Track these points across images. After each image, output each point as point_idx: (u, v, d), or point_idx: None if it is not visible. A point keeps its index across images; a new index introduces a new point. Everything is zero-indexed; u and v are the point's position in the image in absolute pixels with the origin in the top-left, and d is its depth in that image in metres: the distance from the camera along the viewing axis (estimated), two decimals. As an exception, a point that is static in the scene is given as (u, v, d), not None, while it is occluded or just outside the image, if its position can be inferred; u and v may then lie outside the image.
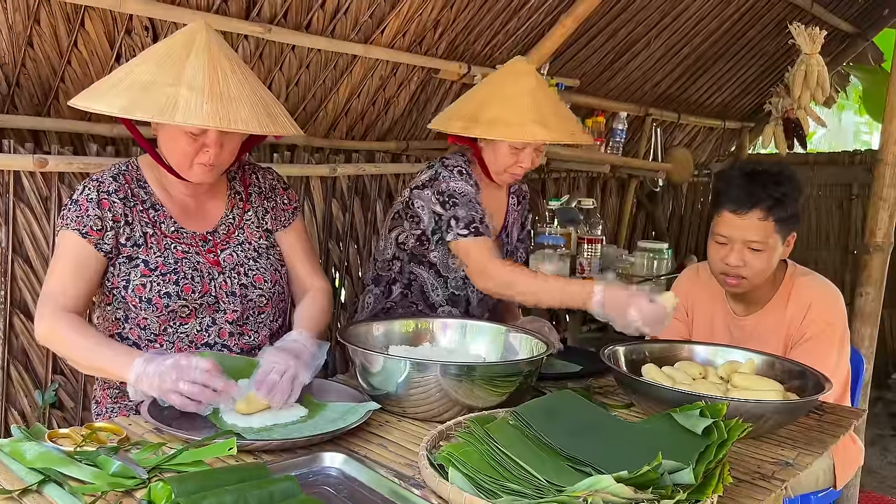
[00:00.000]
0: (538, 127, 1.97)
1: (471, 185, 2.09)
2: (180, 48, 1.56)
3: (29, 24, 1.99)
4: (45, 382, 2.28)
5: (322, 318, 1.79)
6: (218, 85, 1.53)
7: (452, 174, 2.09)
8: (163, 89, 1.49)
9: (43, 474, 1.12)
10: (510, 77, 2.10)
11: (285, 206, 1.86)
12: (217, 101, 1.50)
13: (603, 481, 1.03)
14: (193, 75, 1.51)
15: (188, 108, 1.47)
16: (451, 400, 1.47)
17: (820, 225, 5.36)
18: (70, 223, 1.62)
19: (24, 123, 2.18)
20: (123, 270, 1.64)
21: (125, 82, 1.53)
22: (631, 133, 4.44)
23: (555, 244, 3.50)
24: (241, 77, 1.59)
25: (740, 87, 4.90)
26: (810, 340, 1.89)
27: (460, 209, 2.04)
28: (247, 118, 1.53)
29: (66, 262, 1.61)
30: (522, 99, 2.02)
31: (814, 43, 4.05)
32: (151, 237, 1.66)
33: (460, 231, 2.02)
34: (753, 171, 1.88)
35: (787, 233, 1.89)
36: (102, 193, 1.64)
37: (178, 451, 1.19)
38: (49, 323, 1.55)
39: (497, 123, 2.00)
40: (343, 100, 2.88)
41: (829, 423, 1.63)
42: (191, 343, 1.67)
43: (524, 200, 2.39)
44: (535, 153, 2.10)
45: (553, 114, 2.04)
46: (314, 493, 1.14)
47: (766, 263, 1.89)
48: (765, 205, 1.84)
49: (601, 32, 3.55)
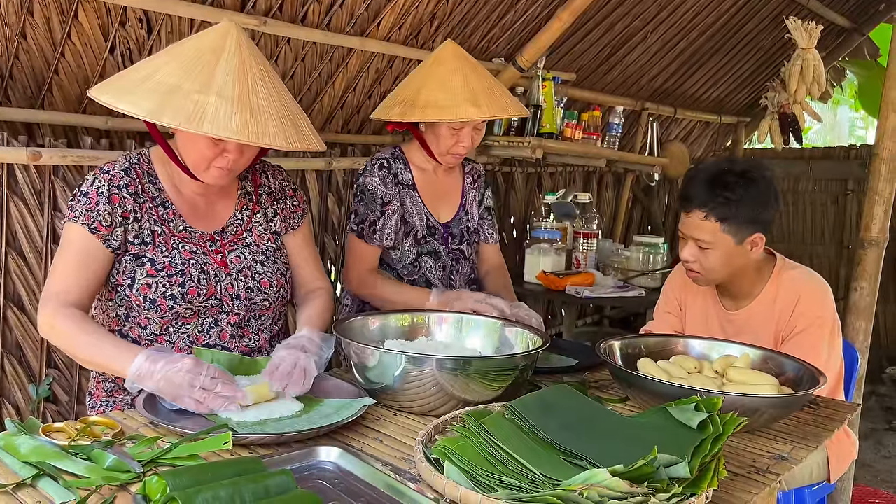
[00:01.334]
0: (470, 106, 2.08)
1: (387, 182, 2.21)
2: (209, 53, 1.52)
3: (22, 15, 1.97)
4: (39, 376, 2.27)
5: (326, 317, 1.80)
6: (248, 94, 1.50)
7: (373, 169, 2.23)
8: (190, 96, 1.46)
9: (37, 468, 1.12)
10: (442, 61, 2.19)
11: (294, 209, 1.85)
12: (246, 113, 1.48)
13: (598, 475, 1.03)
14: (223, 83, 1.48)
15: (217, 117, 1.45)
16: (446, 394, 1.47)
17: (815, 220, 5.37)
18: (79, 216, 1.58)
19: (17, 116, 2.17)
20: (129, 268, 1.61)
21: (150, 82, 1.49)
22: (627, 127, 4.44)
23: (550, 238, 3.50)
24: (269, 87, 1.56)
25: (736, 81, 4.90)
26: (800, 334, 1.90)
27: (361, 205, 2.20)
28: (274, 132, 1.51)
29: (71, 255, 1.58)
30: (454, 81, 2.12)
31: (810, 37, 4.05)
32: (160, 236, 1.64)
33: (352, 225, 2.20)
34: (712, 172, 1.91)
35: (745, 234, 1.89)
36: (113, 188, 1.61)
37: (174, 446, 1.18)
38: (51, 317, 1.53)
39: (431, 106, 2.10)
40: (339, 93, 2.87)
41: (823, 417, 1.64)
42: (191, 343, 1.65)
43: (479, 179, 2.46)
44: (474, 132, 2.20)
45: (485, 91, 2.13)
46: (310, 487, 1.14)
47: (718, 262, 1.92)
48: (705, 206, 1.87)
49: (598, 26, 3.55)
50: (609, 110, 3.99)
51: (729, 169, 1.90)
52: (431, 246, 2.29)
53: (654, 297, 2.86)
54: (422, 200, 2.28)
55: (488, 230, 2.45)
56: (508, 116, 2.23)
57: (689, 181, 1.96)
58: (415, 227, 2.25)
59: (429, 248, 2.28)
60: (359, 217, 2.20)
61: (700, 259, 1.94)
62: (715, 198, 1.87)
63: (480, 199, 2.44)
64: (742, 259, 1.93)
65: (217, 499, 0.96)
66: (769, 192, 1.90)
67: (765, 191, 1.89)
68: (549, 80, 3.34)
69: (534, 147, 3.21)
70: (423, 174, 2.30)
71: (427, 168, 2.31)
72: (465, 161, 2.43)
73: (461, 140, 2.18)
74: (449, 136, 2.18)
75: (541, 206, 3.82)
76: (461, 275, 2.36)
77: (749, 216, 1.87)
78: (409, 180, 2.27)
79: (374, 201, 2.20)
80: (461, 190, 2.39)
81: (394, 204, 2.21)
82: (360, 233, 2.20)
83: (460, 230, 2.35)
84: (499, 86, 2.24)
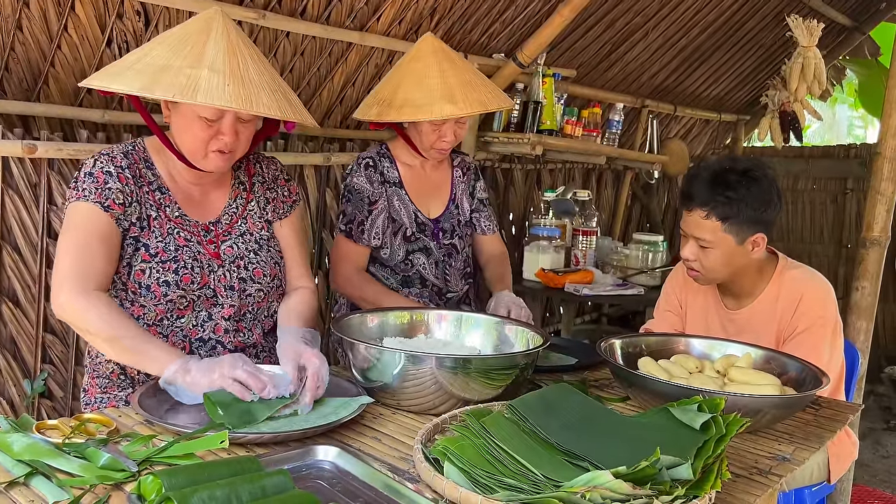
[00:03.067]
0: (446, 103, 2.07)
1: (373, 181, 2.21)
2: (197, 33, 1.53)
3: (18, 6, 1.95)
4: (34, 372, 2.25)
5: (310, 315, 1.76)
6: (238, 69, 1.51)
7: (359, 168, 2.23)
8: (183, 70, 1.47)
9: (30, 467, 1.10)
10: (419, 57, 2.17)
11: (285, 198, 1.84)
12: (239, 85, 1.48)
13: (601, 477, 1.01)
14: (214, 58, 1.49)
15: (210, 88, 1.45)
16: (446, 393, 1.45)
17: (814, 219, 5.36)
18: (89, 195, 1.54)
19: (13, 108, 2.14)
20: (128, 252, 1.59)
21: (140, 64, 1.50)
22: (627, 125, 4.43)
23: (549, 236, 3.48)
24: (260, 65, 1.57)
25: (737, 79, 4.88)
26: (802, 334, 1.88)
27: (349, 205, 2.20)
28: (268, 103, 1.51)
29: (87, 235, 1.52)
30: (431, 78, 2.10)
31: (811, 35, 4.03)
32: (155, 220, 1.62)
33: (340, 226, 2.21)
34: (714, 170, 1.89)
35: (746, 234, 1.87)
36: (117, 168, 1.58)
37: (169, 444, 1.17)
38: (82, 301, 1.46)
39: (407, 105, 2.09)
40: (338, 88, 2.85)
41: (825, 418, 1.62)
42: (185, 338, 1.64)
43: (469, 171, 2.44)
44: (456, 126, 2.18)
45: (463, 86, 2.11)
46: (307, 487, 1.12)
47: (719, 261, 1.90)
48: (706, 204, 1.86)
49: (599, 22, 3.53)
50: (609, 107, 3.98)
51: (731, 167, 1.89)
52: (422, 243, 2.27)
53: (653, 295, 2.85)
54: (409, 197, 2.27)
55: (484, 221, 2.44)
56: (487, 111, 2.20)
57: (690, 179, 1.94)
58: (403, 224, 2.24)
59: (419, 245, 2.27)
60: (347, 217, 2.20)
61: (700, 258, 1.92)
62: (716, 196, 1.85)
63: (471, 191, 2.43)
64: (743, 259, 1.91)
65: (213, 499, 0.95)
66: (771, 192, 1.88)
67: (767, 190, 1.87)
68: (550, 77, 3.32)
69: (533, 144, 3.19)
70: (410, 170, 2.29)
71: (414, 164, 2.30)
72: (453, 154, 2.42)
73: (443, 135, 2.17)
74: (431, 132, 2.17)
75: (540, 203, 3.80)
76: (455, 269, 2.34)
77: (751, 216, 1.86)
78: (395, 178, 2.26)
79: (360, 201, 2.19)
80: (450, 183, 2.38)
81: (381, 203, 2.21)
82: (348, 233, 2.20)
83: (451, 224, 2.34)
84: (479, 78, 2.21)
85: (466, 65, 2.22)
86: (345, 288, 2.22)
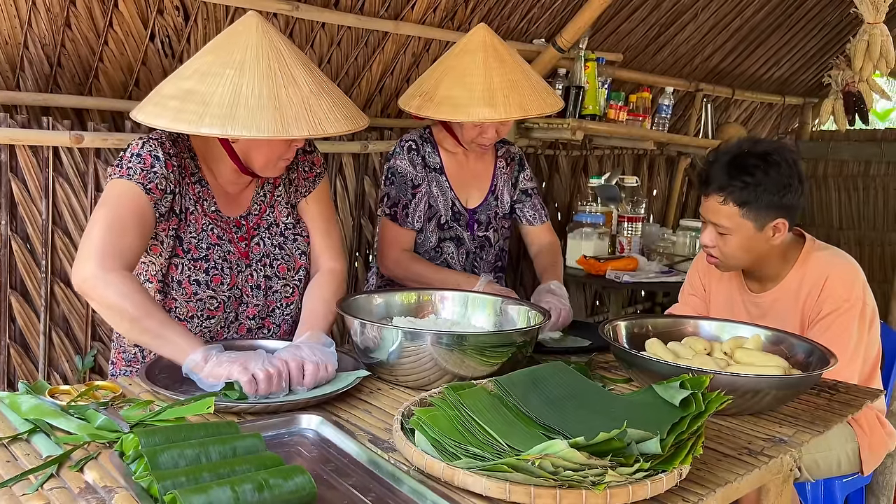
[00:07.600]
0: (485, 107, 2.01)
1: (416, 165, 2.20)
2: (253, 60, 1.53)
3: (65, 5, 2.08)
4: (84, 348, 2.40)
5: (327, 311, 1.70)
6: (308, 90, 1.55)
7: (402, 151, 2.22)
8: (288, 109, 1.49)
9: (34, 424, 1.19)
10: (468, 50, 2.12)
11: (307, 174, 1.81)
12: (315, 108, 1.53)
13: (555, 445, 1.02)
14: (287, 92, 1.52)
15: (298, 118, 1.50)
16: (441, 369, 1.48)
17: (888, 205, 5.08)
18: (134, 175, 1.53)
19: (66, 102, 2.29)
20: (169, 244, 1.61)
21: (220, 99, 1.49)
22: (682, 109, 4.32)
23: (593, 222, 3.44)
24: (315, 74, 1.61)
25: (801, 60, 4.68)
26: (827, 317, 1.81)
27: (393, 188, 2.19)
28: (338, 119, 1.56)
29: (124, 211, 1.50)
30: (474, 76, 2.05)
31: (877, 11, 3.82)
32: (191, 214, 1.64)
33: (384, 209, 2.20)
34: (732, 154, 1.83)
35: (766, 219, 1.81)
36: (165, 154, 1.58)
37: (162, 409, 1.24)
38: (107, 276, 1.43)
39: (446, 103, 2.06)
40: (376, 77, 2.89)
41: (839, 403, 1.57)
42: (212, 338, 1.68)
43: (513, 161, 2.40)
44: (498, 124, 2.14)
45: (507, 87, 2.05)
46: (284, 453, 1.17)
47: (738, 248, 1.85)
48: (723, 189, 1.81)
49: (644, 4, 3.45)
50: (659, 91, 3.89)
51: (750, 151, 1.83)
52: (455, 232, 2.27)
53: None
54: (450, 185, 2.25)
55: (529, 212, 2.40)
56: (528, 117, 2.12)
57: (708, 163, 1.89)
58: (438, 212, 2.24)
59: (451, 234, 2.27)
60: (391, 200, 2.19)
61: (719, 244, 1.87)
62: (733, 181, 1.80)
63: (514, 182, 2.39)
64: (763, 245, 1.85)
65: (182, 456, 1.00)
66: (791, 176, 1.81)
67: (787, 174, 1.80)
68: (593, 61, 3.27)
69: (573, 129, 3.16)
70: (452, 158, 2.28)
71: (456, 152, 2.28)
72: (498, 143, 2.38)
73: (484, 132, 2.14)
74: (471, 129, 2.14)
75: (586, 189, 3.76)
76: (485, 262, 2.33)
77: (770, 201, 1.80)
78: (437, 164, 2.25)
79: (404, 184, 2.18)
80: (492, 174, 2.35)
81: (423, 187, 2.20)
82: (392, 216, 2.18)
83: (487, 216, 2.31)
84: (526, 78, 2.13)
85: (516, 62, 2.14)
86: (395, 271, 2.21)
